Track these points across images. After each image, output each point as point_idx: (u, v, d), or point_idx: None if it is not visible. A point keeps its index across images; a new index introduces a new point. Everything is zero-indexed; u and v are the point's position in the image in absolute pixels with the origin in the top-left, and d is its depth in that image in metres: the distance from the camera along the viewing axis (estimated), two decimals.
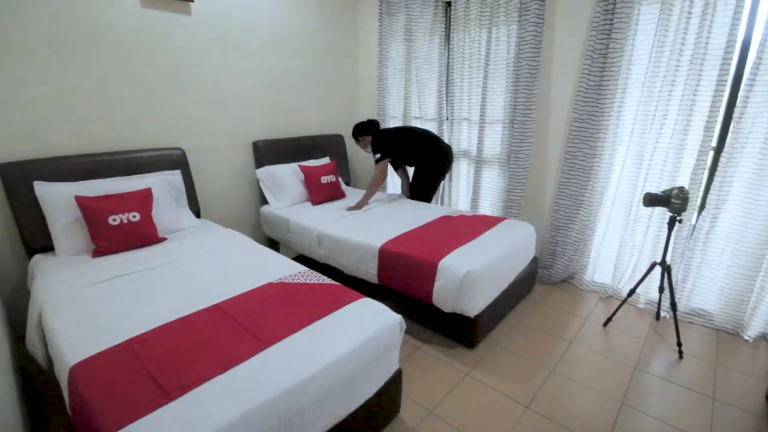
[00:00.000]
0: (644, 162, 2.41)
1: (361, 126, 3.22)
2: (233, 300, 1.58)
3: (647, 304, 2.51)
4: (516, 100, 2.79)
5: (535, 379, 1.90)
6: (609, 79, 2.38)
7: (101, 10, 2.21)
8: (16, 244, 2.13)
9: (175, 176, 2.52)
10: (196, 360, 1.21)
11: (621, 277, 2.61)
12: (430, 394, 1.79)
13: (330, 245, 2.50)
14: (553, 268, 2.86)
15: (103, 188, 2.12)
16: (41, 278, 1.77)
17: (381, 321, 1.47)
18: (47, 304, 1.55)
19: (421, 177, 3.21)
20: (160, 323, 1.41)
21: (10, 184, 1.98)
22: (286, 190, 3.08)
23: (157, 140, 2.58)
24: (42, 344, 1.57)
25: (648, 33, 2.27)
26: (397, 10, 3.37)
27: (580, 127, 2.54)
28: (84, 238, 2.04)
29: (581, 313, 2.49)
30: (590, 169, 2.56)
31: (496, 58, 2.88)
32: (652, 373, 1.95)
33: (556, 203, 2.79)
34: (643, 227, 2.47)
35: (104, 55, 2.27)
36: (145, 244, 2.14)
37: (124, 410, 1.00)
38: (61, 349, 1.28)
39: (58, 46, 2.10)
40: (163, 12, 2.46)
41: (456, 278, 1.91)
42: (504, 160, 3.02)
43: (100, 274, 1.77)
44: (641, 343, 2.19)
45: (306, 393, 1.16)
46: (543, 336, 2.25)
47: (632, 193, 2.49)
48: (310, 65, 3.45)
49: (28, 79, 2.04)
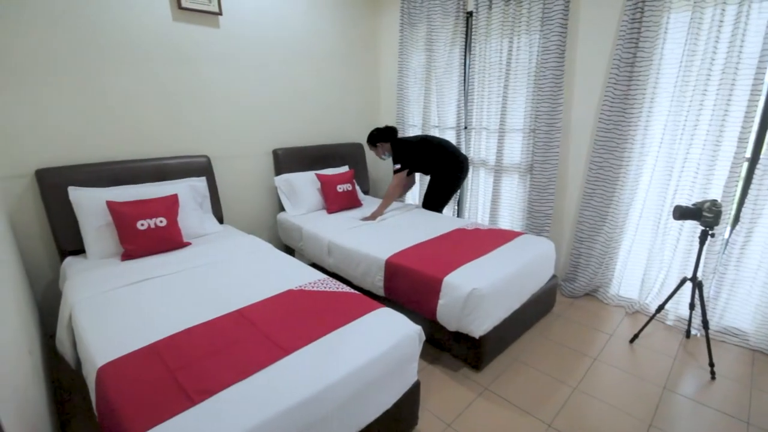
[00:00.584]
0: (674, 173, 2.33)
1: (379, 132, 3.20)
2: (254, 306, 1.60)
3: (677, 321, 2.41)
4: (539, 110, 2.76)
5: (558, 395, 1.84)
6: (636, 89, 2.32)
7: (135, 24, 2.32)
8: (49, 246, 2.22)
9: (201, 183, 2.59)
10: (218, 365, 1.23)
11: (648, 292, 2.52)
12: (448, 407, 1.76)
13: (339, 255, 2.49)
14: (577, 281, 2.78)
15: (132, 194, 2.20)
16: (72, 280, 1.84)
17: (401, 332, 1.46)
18: (78, 305, 1.61)
19: (435, 187, 3.19)
20: (184, 327, 1.44)
21: (46, 188, 2.08)
22: (303, 198, 3.11)
23: (184, 148, 2.66)
24: (71, 344, 1.62)
25: (678, 41, 2.21)
26: (418, 21, 3.40)
27: (606, 137, 2.48)
28: (113, 241, 2.11)
29: (606, 328, 2.41)
30: (616, 179, 2.50)
31: (518, 67, 2.86)
32: (683, 394, 1.86)
33: (580, 214, 2.73)
34: (672, 241, 2.38)
35: (136, 67, 2.36)
36: (170, 249, 2.20)
37: (149, 413, 1.02)
38: (90, 350, 1.32)
39: (92, 58, 2.20)
40: (193, 25, 2.55)
41: (460, 296, 1.83)
42: (524, 170, 2.98)
43: (128, 278, 1.83)
44: (670, 361, 2.10)
45: (325, 402, 1.16)
46: (565, 351, 2.18)
47: (661, 205, 2.41)
48: (332, 74, 3.51)
49: (64, 90, 2.14)
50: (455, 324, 1.89)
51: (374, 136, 3.21)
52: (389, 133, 3.19)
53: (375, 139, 3.20)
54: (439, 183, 3.17)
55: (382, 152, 3.23)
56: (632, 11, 2.26)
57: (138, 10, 2.31)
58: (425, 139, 3.18)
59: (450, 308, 1.89)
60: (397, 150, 3.10)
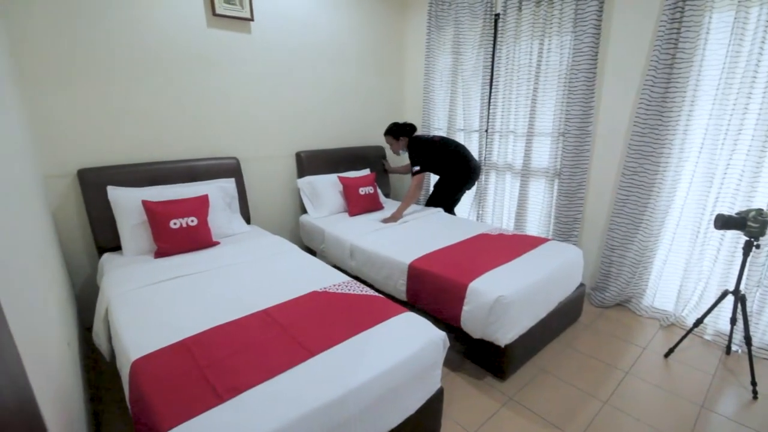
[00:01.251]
0: (715, 180, 2.22)
1: (400, 127, 3.19)
2: (280, 306, 1.62)
3: (716, 335, 2.28)
4: (569, 113, 2.69)
5: (587, 409, 1.78)
6: (675, 91, 2.22)
7: (172, 30, 2.40)
8: (88, 242, 2.33)
9: (230, 184, 2.65)
10: (246, 364, 1.25)
11: (685, 304, 2.40)
12: (471, 416, 1.73)
13: (361, 258, 2.48)
14: (607, 291, 2.69)
15: (166, 194, 2.28)
16: (110, 275, 1.92)
17: (425, 337, 1.45)
18: (114, 300, 1.67)
19: (441, 188, 3.24)
20: (213, 325, 1.47)
21: (87, 187, 2.18)
22: (325, 200, 3.13)
23: (215, 150, 2.74)
24: (107, 338, 1.69)
25: (721, 42, 2.11)
26: (445, 24, 3.38)
27: (642, 142, 2.39)
28: (148, 239, 2.19)
29: (639, 341, 2.31)
30: (652, 186, 2.40)
31: (548, 70, 2.80)
32: (722, 414, 1.76)
33: (611, 221, 2.63)
34: (712, 251, 2.26)
35: (172, 72, 2.45)
36: (200, 248, 2.26)
37: (180, 408, 1.05)
38: (125, 344, 1.37)
39: (131, 65, 2.30)
40: (226, 31, 2.63)
41: (486, 303, 1.79)
42: (552, 175, 2.91)
43: (161, 275, 1.89)
44: (709, 378, 1.99)
45: (349, 405, 1.16)
46: (595, 363, 2.11)
47: (701, 213, 2.30)
48: (357, 77, 3.53)
49: (103, 93, 2.24)
50: (480, 331, 1.86)
51: (397, 129, 3.19)
52: (409, 129, 3.19)
53: (397, 132, 3.18)
54: (445, 185, 3.21)
55: (402, 147, 3.22)
56: (671, 11, 2.17)
57: (175, 17, 2.40)
58: (443, 142, 3.16)
59: (475, 315, 1.85)
60: (415, 150, 3.09)
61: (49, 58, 2.04)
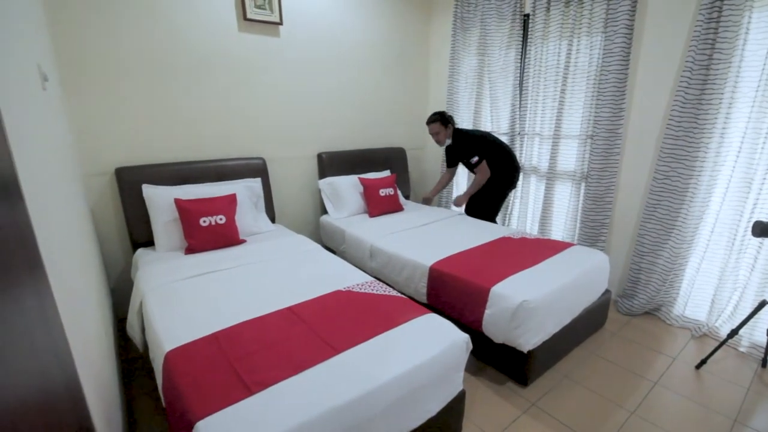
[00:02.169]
0: (754, 186, 2.12)
1: (445, 116, 3.08)
2: (305, 304, 1.65)
3: (752, 347, 2.18)
4: (599, 115, 2.63)
5: (614, 419, 1.73)
6: (712, 93, 2.14)
7: (204, 34, 2.49)
8: (124, 238, 2.43)
9: (256, 183, 2.72)
10: (272, 359, 1.28)
11: (719, 314, 2.31)
12: (493, 421, 1.71)
13: (381, 259, 2.49)
14: (636, 298, 2.61)
15: (196, 192, 2.36)
16: (144, 270, 2.00)
17: (448, 339, 1.45)
18: (148, 293, 1.75)
19: (487, 191, 3.06)
20: (241, 320, 1.52)
21: (124, 185, 2.28)
22: (346, 201, 3.15)
23: (242, 150, 2.82)
24: (140, 329, 1.77)
25: (761, 42, 2.02)
26: (471, 25, 3.37)
27: (675, 145, 2.31)
28: (179, 236, 2.27)
29: (669, 350, 2.24)
30: (685, 191, 2.31)
31: (576, 71, 2.75)
32: (757, 429, 1.68)
33: (641, 227, 2.56)
34: (749, 259, 2.17)
35: (203, 74, 2.54)
36: (228, 245, 2.33)
37: (210, 399, 1.09)
38: (159, 336, 1.43)
39: (166, 68, 2.40)
40: (256, 35, 2.70)
41: (509, 308, 1.76)
42: (579, 178, 2.85)
43: (191, 270, 1.96)
44: (743, 392, 1.91)
45: (373, 404, 1.18)
46: (622, 372, 2.05)
47: (737, 220, 2.20)
48: (381, 80, 3.55)
49: (140, 97, 2.34)
50: (502, 336, 1.84)
51: (444, 117, 3.06)
52: (452, 118, 3.14)
53: (445, 120, 3.06)
54: (491, 186, 3.04)
55: (446, 136, 3.12)
56: (708, 10, 2.09)
57: (207, 22, 2.48)
58: (488, 137, 3.08)
59: (497, 319, 1.83)
60: (466, 140, 3.04)
61: (90, 61, 2.15)
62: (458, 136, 3.10)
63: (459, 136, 3.10)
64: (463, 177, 3.74)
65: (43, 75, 1.32)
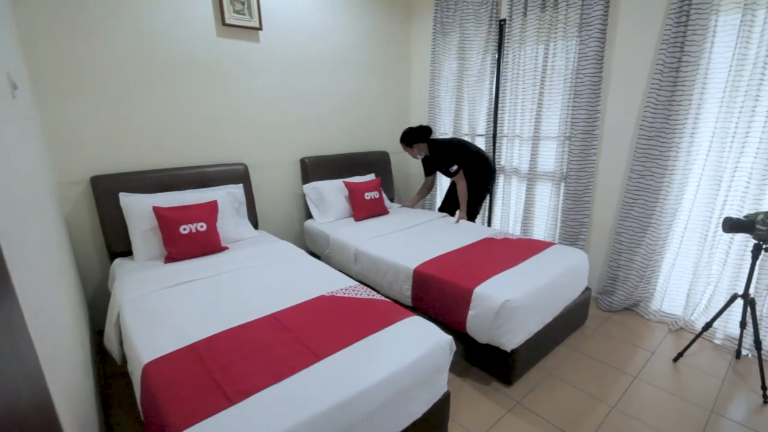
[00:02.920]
0: (723, 183, 2.20)
1: (416, 132, 3.14)
2: (288, 311, 1.64)
3: (726, 340, 2.26)
4: (575, 117, 2.69)
5: (595, 414, 1.77)
6: (682, 94, 2.22)
7: (181, 41, 2.45)
8: (100, 248, 2.37)
9: (238, 189, 2.69)
10: (253, 367, 1.27)
11: (694, 308, 2.38)
12: (478, 421, 1.73)
13: (366, 263, 2.49)
14: (615, 295, 2.67)
15: (176, 200, 2.32)
16: (121, 280, 1.95)
17: (431, 341, 1.46)
18: (126, 305, 1.71)
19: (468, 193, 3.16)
20: (222, 329, 1.49)
21: (99, 194, 2.23)
22: (331, 205, 3.14)
23: (223, 156, 2.79)
24: (118, 342, 1.73)
25: (727, 44, 2.10)
26: (451, 29, 3.41)
27: (649, 145, 2.38)
28: (158, 245, 2.23)
29: (647, 345, 2.30)
30: (659, 189, 2.39)
31: (553, 74, 2.81)
32: (732, 419, 1.74)
33: (619, 225, 2.62)
34: (721, 255, 2.25)
35: (181, 80, 2.50)
36: (209, 253, 2.29)
37: (190, 410, 1.07)
38: (137, 348, 1.40)
39: (143, 74, 2.35)
40: (235, 40, 2.67)
41: (491, 308, 1.79)
42: (558, 178, 2.91)
43: (171, 279, 1.92)
44: (718, 383, 1.97)
45: (356, 409, 1.17)
46: (602, 368, 2.10)
47: (708, 216, 2.28)
48: (362, 84, 3.56)
49: (116, 104, 2.29)
50: (486, 336, 1.86)
51: (413, 135, 3.14)
52: (426, 132, 3.17)
53: (414, 138, 3.14)
54: (469, 190, 3.14)
55: (419, 151, 3.20)
56: (677, 14, 2.17)
57: (185, 27, 2.45)
58: (462, 143, 3.16)
59: (481, 320, 1.85)
60: (442, 151, 3.09)
61: (63, 68, 2.10)
62: (434, 147, 3.15)
63: (435, 147, 3.14)
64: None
65: (12, 83, 1.29)
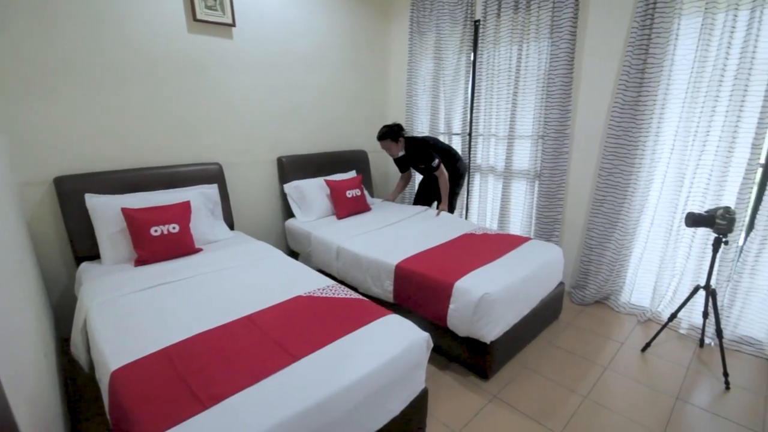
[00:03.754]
0: (686, 180, 2.30)
1: (394, 130, 3.13)
2: (263, 312, 1.62)
3: (690, 329, 2.37)
4: (548, 116, 2.76)
5: (567, 404, 1.82)
6: (647, 95, 2.31)
7: (150, 37, 2.38)
8: (66, 251, 2.27)
9: (212, 189, 2.63)
10: (228, 370, 1.24)
11: (661, 300, 2.48)
12: (456, 415, 1.75)
13: (348, 260, 2.49)
14: (587, 289, 2.75)
15: (146, 201, 2.24)
16: (88, 285, 1.88)
17: (408, 338, 1.47)
18: (93, 310, 1.64)
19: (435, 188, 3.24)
20: (195, 332, 1.46)
21: (64, 195, 2.13)
22: (312, 204, 3.13)
23: (197, 155, 2.72)
24: (85, 348, 1.66)
25: (689, 47, 2.20)
26: (427, 29, 3.43)
27: (617, 144, 2.47)
28: (127, 247, 2.15)
29: (617, 336, 2.38)
30: (627, 186, 2.47)
31: (527, 74, 2.87)
32: (696, 405, 1.83)
33: (590, 221, 2.70)
34: (685, 248, 2.35)
35: (151, 78, 2.42)
36: (182, 255, 2.23)
37: (161, 417, 1.04)
38: (104, 354, 1.35)
39: (110, 69, 2.26)
40: (207, 37, 2.61)
41: (471, 301, 1.84)
42: (533, 176, 2.98)
43: (141, 283, 1.86)
44: (683, 371, 2.06)
45: (333, 408, 1.17)
46: (576, 359, 2.16)
47: (673, 212, 2.38)
48: (340, 83, 3.54)
49: (81, 100, 2.20)
50: (466, 329, 1.89)
51: (393, 132, 3.10)
52: (401, 129, 3.18)
53: (395, 135, 3.11)
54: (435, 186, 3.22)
55: (400, 149, 3.18)
56: (642, 17, 2.25)
57: (155, 23, 2.37)
58: (433, 141, 3.22)
59: (461, 313, 1.89)
60: (420, 147, 3.10)
61: (26, 63, 2.00)
62: (412, 144, 3.16)
63: (413, 145, 3.16)
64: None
65: None
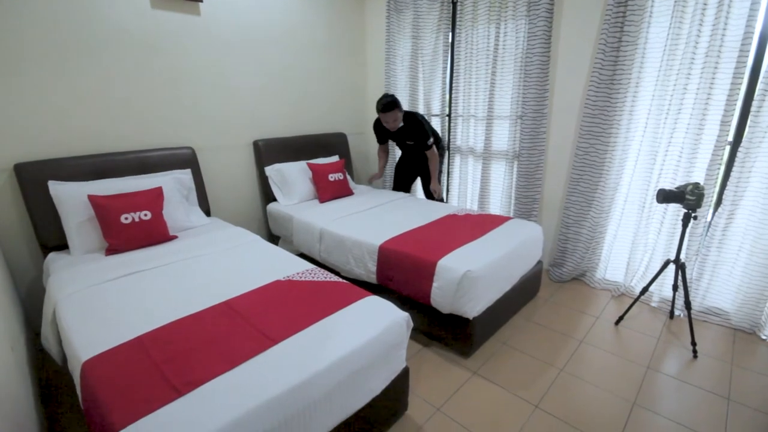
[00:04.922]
0: (658, 157, 2.36)
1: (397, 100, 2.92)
2: (242, 297, 1.59)
3: (661, 302, 2.46)
4: (525, 96, 2.76)
5: (545, 377, 1.88)
6: (622, 73, 2.33)
7: (111, 12, 2.24)
8: (31, 242, 2.17)
9: (186, 175, 2.55)
10: (205, 356, 1.22)
11: (634, 275, 2.57)
12: (438, 392, 1.78)
13: (331, 242, 2.48)
14: (564, 266, 2.82)
15: (115, 187, 2.16)
16: (56, 276, 1.81)
17: (388, 319, 1.47)
18: (61, 301, 1.58)
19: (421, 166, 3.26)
20: (170, 320, 1.42)
21: (26, 183, 2.02)
22: (295, 187, 3.09)
23: (168, 139, 2.61)
24: (56, 341, 1.60)
25: (662, 25, 2.22)
26: (404, 7, 3.35)
27: (592, 123, 2.50)
28: (97, 236, 2.07)
29: (592, 311, 2.46)
30: (602, 165, 2.52)
31: (505, 54, 2.85)
32: (666, 373, 1.91)
33: (567, 200, 2.75)
34: (656, 224, 2.42)
35: (115, 57, 2.30)
36: (156, 242, 2.17)
37: (134, 405, 1.02)
38: (74, 345, 1.30)
39: (69, 48, 2.13)
40: (172, 13, 2.48)
41: (454, 279, 1.87)
42: (512, 157, 2.99)
43: (113, 272, 1.80)
44: (654, 342, 2.15)
45: (313, 390, 1.16)
46: (553, 334, 2.22)
47: (645, 189, 2.44)
48: (316, 63, 3.45)
49: (42, 82, 2.07)
50: (449, 306, 1.93)
51: (396, 103, 2.90)
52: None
53: (398, 105, 2.91)
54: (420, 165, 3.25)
55: (401, 120, 3.01)
56: None
57: None
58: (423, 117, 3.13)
59: (444, 291, 1.92)
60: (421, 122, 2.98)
61: None
62: (411, 118, 3.01)
63: (412, 119, 3.01)
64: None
65: None
